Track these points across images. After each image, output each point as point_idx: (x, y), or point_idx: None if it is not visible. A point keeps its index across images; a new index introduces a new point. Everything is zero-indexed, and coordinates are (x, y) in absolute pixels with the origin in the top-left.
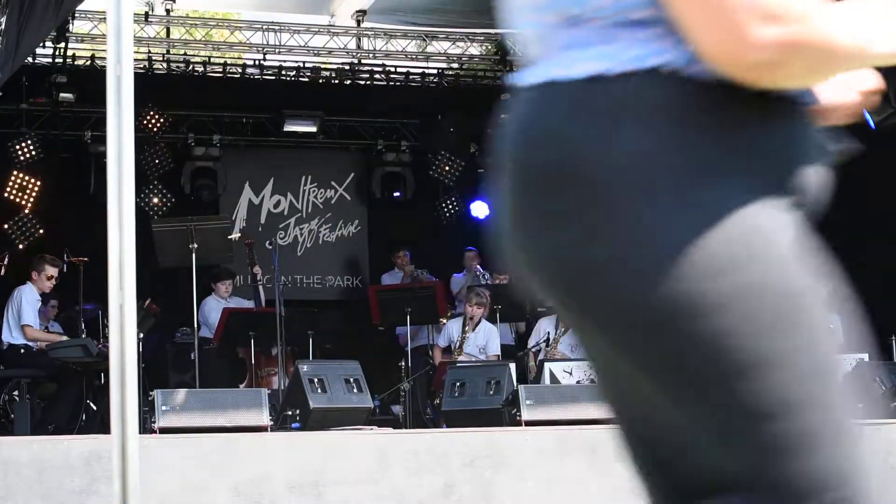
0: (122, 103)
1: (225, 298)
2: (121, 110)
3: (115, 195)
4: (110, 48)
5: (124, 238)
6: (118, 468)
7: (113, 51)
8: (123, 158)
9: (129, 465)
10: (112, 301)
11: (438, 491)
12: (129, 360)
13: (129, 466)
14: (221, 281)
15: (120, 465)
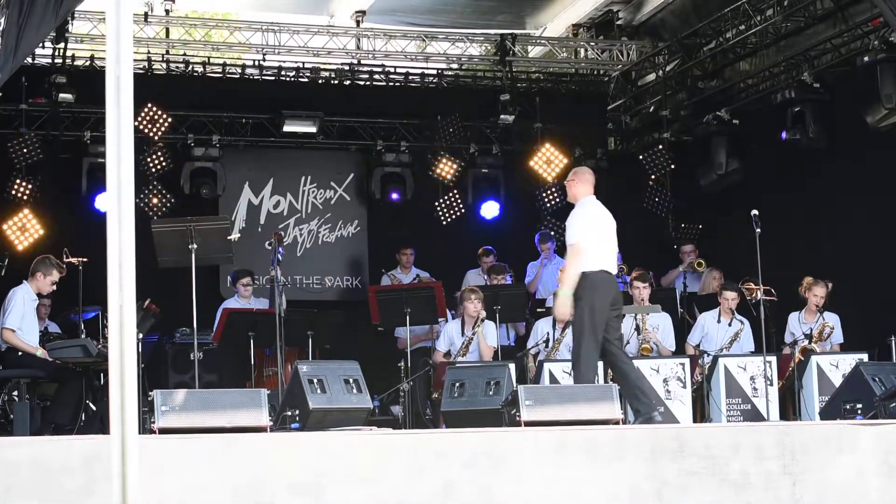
0: (121, 104)
1: (247, 299)
2: (120, 111)
3: (115, 195)
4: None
5: (124, 238)
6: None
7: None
8: (123, 159)
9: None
10: (111, 301)
11: (438, 492)
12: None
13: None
14: (240, 281)
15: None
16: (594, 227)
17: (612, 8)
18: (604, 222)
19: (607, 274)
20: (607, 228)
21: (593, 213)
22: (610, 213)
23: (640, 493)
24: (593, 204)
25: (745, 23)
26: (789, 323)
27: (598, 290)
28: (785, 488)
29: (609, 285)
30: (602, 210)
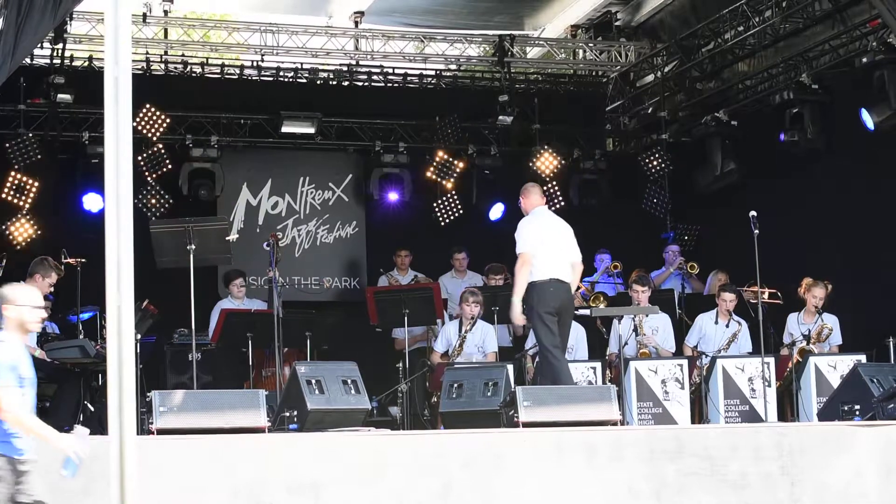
0: (119, 104)
1: (240, 300)
2: (118, 111)
3: (113, 196)
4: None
5: (122, 239)
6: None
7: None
8: (121, 159)
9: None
10: (110, 302)
11: (436, 492)
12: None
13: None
14: (232, 282)
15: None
16: (540, 236)
17: (611, 9)
18: (553, 231)
19: (557, 282)
20: (557, 237)
21: (540, 222)
22: (564, 221)
23: (638, 493)
24: (541, 214)
25: (744, 24)
26: (788, 324)
27: (542, 298)
28: (783, 489)
29: (556, 293)
30: (551, 219)
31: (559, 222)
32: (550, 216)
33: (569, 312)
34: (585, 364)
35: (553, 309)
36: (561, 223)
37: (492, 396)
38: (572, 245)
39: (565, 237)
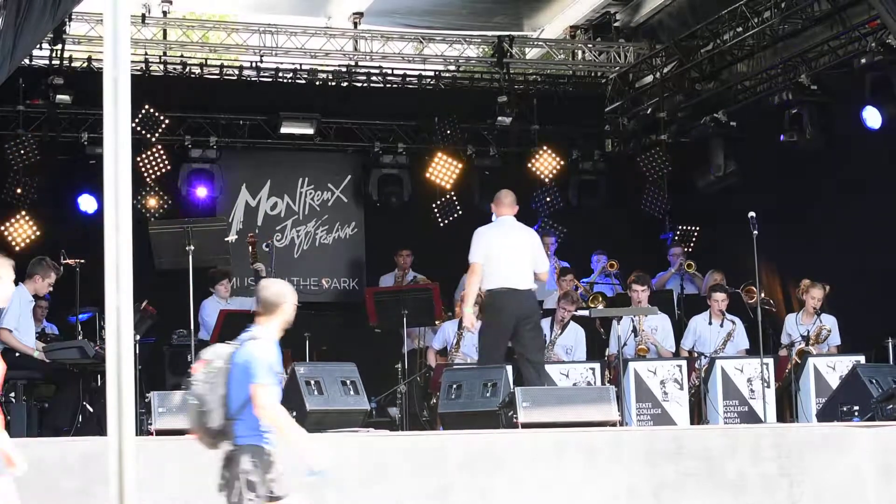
0: (118, 105)
1: (226, 299)
2: (117, 112)
3: (112, 197)
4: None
5: (121, 240)
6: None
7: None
8: (120, 160)
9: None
10: (109, 303)
11: (435, 493)
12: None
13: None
14: (219, 283)
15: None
16: (494, 246)
17: (610, 10)
18: (508, 240)
19: (511, 291)
20: (513, 246)
21: (494, 232)
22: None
23: (637, 494)
24: (500, 224)
25: (743, 25)
26: (786, 325)
27: (495, 308)
28: (782, 490)
29: (512, 302)
30: (510, 229)
31: (521, 232)
32: (511, 226)
33: (529, 320)
34: (584, 365)
35: (509, 317)
36: (522, 233)
37: (491, 397)
38: (536, 255)
39: (524, 247)
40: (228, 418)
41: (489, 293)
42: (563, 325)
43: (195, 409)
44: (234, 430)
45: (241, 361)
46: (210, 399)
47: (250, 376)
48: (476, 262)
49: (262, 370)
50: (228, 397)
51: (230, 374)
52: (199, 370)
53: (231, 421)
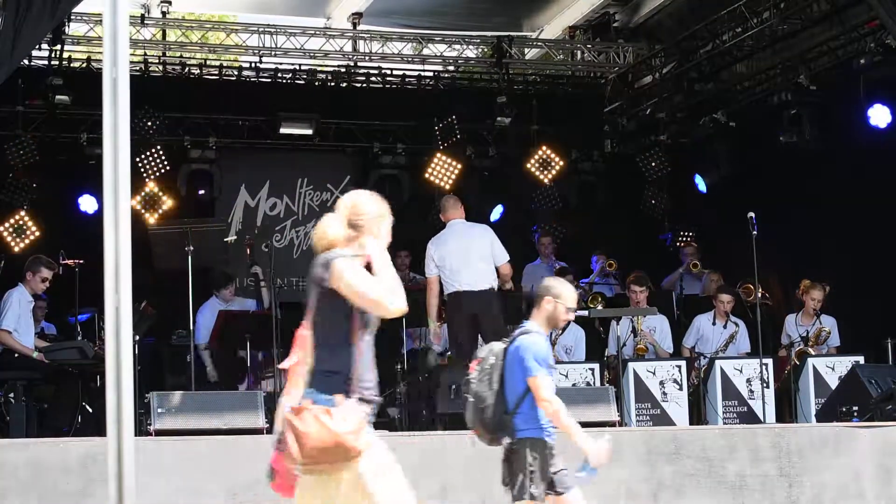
0: (118, 106)
1: (228, 301)
2: (117, 112)
3: (111, 197)
4: (106, 50)
5: (120, 240)
6: (114, 470)
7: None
8: (119, 161)
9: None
10: (108, 303)
11: (436, 493)
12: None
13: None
14: (225, 287)
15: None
16: (444, 255)
17: (609, 10)
18: (461, 245)
19: (467, 293)
20: (465, 250)
21: (443, 240)
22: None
23: (637, 494)
24: (449, 229)
25: (742, 25)
26: (786, 325)
27: (452, 309)
28: (781, 490)
29: (465, 302)
30: (458, 233)
31: (469, 232)
32: (459, 228)
33: (487, 317)
34: (584, 365)
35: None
36: (471, 232)
37: None
38: (493, 251)
39: (477, 248)
40: (506, 413)
41: (447, 297)
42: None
43: (473, 407)
44: (513, 425)
45: (514, 356)
46: (487, 395)
47: (525, 370)
48: (429, 276)
49: (536, 363)
50: (504, 392)
51: (504, 370)
52: (474, 368)
53: (509, 415)
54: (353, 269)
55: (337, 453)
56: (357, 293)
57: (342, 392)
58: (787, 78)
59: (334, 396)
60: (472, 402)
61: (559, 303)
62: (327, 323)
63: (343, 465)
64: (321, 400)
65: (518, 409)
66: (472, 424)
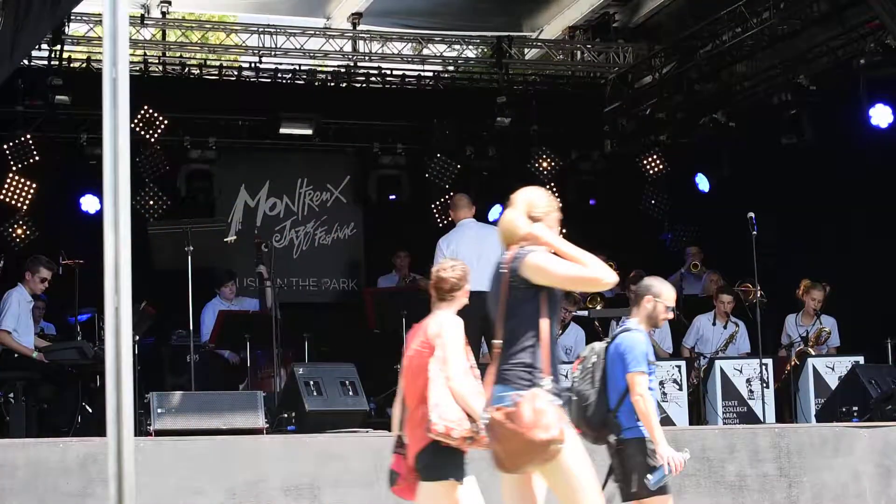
0: (117, 106)
1: (230, 300)
2: (116, 113)
3: (111, 197)
4: (106, 50)
5: (120, 240)
6: (114, 471)
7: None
8: (119, 161)
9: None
10: (108, 304)
11: None
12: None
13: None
14: (224, 285)
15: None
16: (451, 253)
17: (609, 10)
18: (472, 245)
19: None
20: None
21: (455, 239)
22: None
23: None
24: (461, 228)
25: (742, 25)
26: (786, 325)
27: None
28: (781, 490)
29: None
30: (470, 233)
31: (481, 232)
32: (471, 228)
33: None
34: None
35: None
36: (483, 233)
37: None
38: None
39: (487, 246)
40: (609, 411)
41: None
42: (563, 325)
43: (576, 405)
44: (617, 422)
45: (615, 354)
46: (589, 394)
47: (626, 365)
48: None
49: (636, 359)
50: (607, 390)
51: (606, 368)
52: (577, 367)
53: (612, 413)
54: (552, 259)
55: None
56: (568, 278)
57: (535, 385)
58: (787, 78)
59: (528, 391)
60: (575, 401)
61: (659, 302)
62: (516, 319)
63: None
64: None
65: (620, 407)
66: (575, 423)
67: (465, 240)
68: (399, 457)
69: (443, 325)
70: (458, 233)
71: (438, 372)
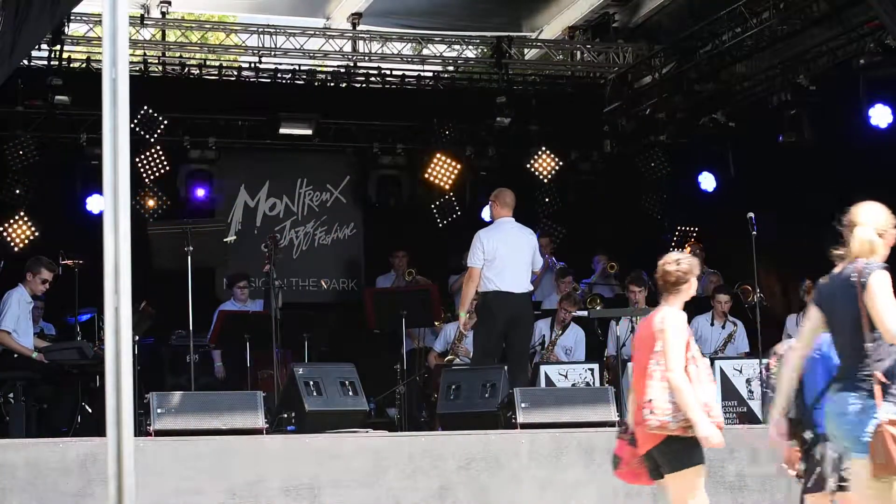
0: (117, 106)
1: (244, 302)
2: (116, 113)
3: (111, 198)
4: (106, 51)
5: (120, 240)
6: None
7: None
8: (119, 161)
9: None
10: (107, 304)
11: (434, 493)
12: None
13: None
14: (236, 284)
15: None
16: (494, 250)
17: (609, 10)
18: (507, 244)
19: (506, 294)
20: (512, 249)
21: (495, 236)
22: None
23: (636, 495)
24: (499, 227)
25: (742, 25)
26: (787, 325)
27: (487, 310)
28: (781, 491)
29: (505, 305)
30: (509, 232)
31: (519, 234)
32: (510, 228)
33: (521, 323)
34: (583, 365)
35: (499, 319)
36: (521, 234)
37: (489, 398)
38: (534, 257)
39: (524, 251)
40: (807, 408)
41: (483, 296)
42: (563, 325)
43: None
44: (813, 419)
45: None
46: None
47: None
48: (474, 266)
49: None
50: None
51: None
52: (774, 364)
53: (809, 410)
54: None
55: None
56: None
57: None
58: (787, 78)
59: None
60: (772, 398)
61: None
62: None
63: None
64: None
65: (817, 404)
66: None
67: (504, 237)
68: (622, 442)
69: (665, 319)
70: (498, 230)
71: (656, 366)
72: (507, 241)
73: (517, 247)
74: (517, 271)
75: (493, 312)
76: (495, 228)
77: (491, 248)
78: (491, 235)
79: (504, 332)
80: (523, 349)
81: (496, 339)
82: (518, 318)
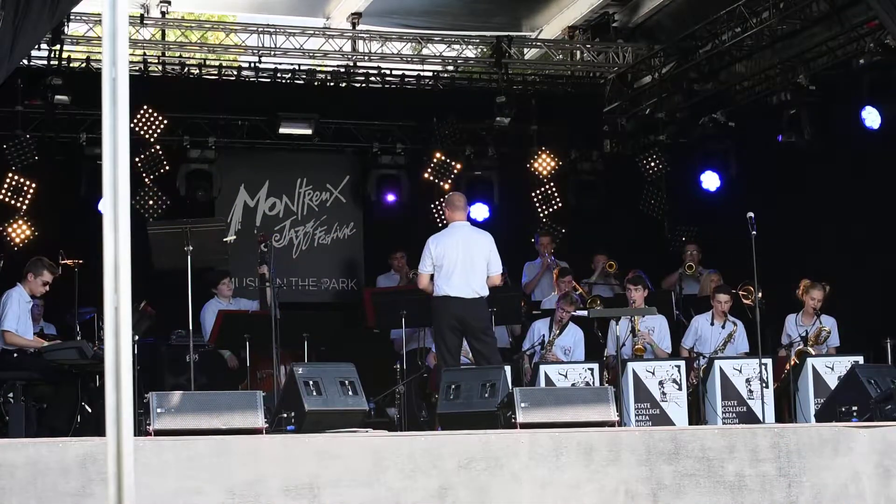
0: (117, 106)
1: (228, 299)
2: (116, 113)
3: (111, 197)
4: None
5: (119, 240)
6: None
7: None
8: (118, 161)
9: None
10: (107, 303)
11: (433, 494)
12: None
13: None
14: (221, 282)
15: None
16: (438, 255)
17: (608, 10)
18: (461, 249)
19: (454, 300)
20: (465, 255)
21: (444, 241)
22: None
23: (635, 495)
24: (452, 231)
25: (741, 25)
26: (786, 325)
27: (437, 315)
28: (780, 491)
29: (446, 309)
30: (460, 237)
31: (471, 237)
32: (462, 232)
33: (476, 328)
34: (583, 365)
35: (448, 325)
36: (474, 238)
37: (489, 398)
38: (490, 260)
39: (478, 255)
40: None
41: (433, 300)
42: (562, 325)
43: None
44: None
45: None
46: None
47: None
48: (422, 272)
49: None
50: None
51: None
52: None
53: None
54: None
55: None
56: None
57: None
58: (787, 78)
59: None
60: None
61: None
62: None
63: None
64: None
65: None
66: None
67: (454, 242)
68: None
69: None
70: (448, 234)
71: None
72: (456, 246)
73: (468, 250)
74: (467, 276)
75: (442, 316)
76: (446, 233)
77: (439, 253)
78: (440, 241)
79: (460, 334)
80: (488, 353)
81: (452, 340)
82: (469, 323)
